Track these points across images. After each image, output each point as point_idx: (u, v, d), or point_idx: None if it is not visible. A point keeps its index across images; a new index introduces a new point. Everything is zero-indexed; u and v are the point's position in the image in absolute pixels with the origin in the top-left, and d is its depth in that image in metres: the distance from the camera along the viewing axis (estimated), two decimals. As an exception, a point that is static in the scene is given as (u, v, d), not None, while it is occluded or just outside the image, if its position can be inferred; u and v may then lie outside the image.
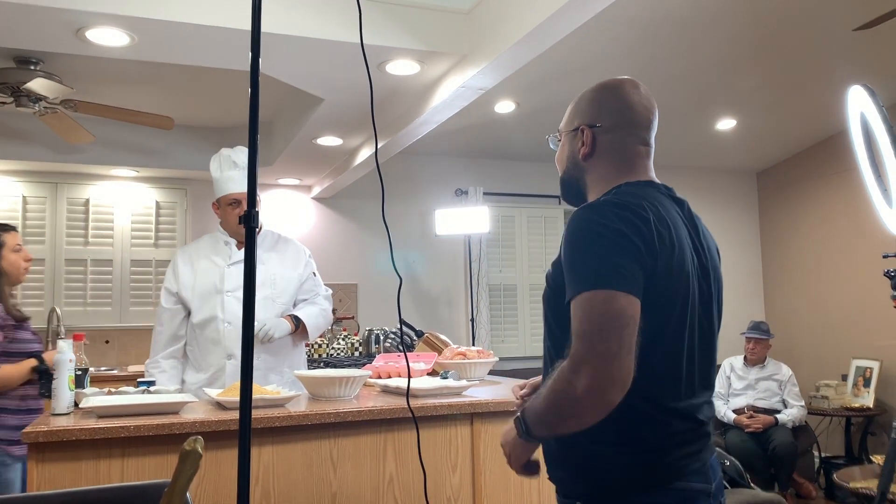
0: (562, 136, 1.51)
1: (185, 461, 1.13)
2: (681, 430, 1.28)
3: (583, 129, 1.44)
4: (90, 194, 5.27)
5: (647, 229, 1.24)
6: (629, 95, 1.43)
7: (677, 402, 1.28)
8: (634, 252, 1.21)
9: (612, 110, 1.42)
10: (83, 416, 2.02)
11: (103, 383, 4.15)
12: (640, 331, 1.20)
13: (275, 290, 2.93)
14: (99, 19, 2.76)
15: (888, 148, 2.53)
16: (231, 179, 2.93)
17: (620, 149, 1.42)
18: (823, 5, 3.92)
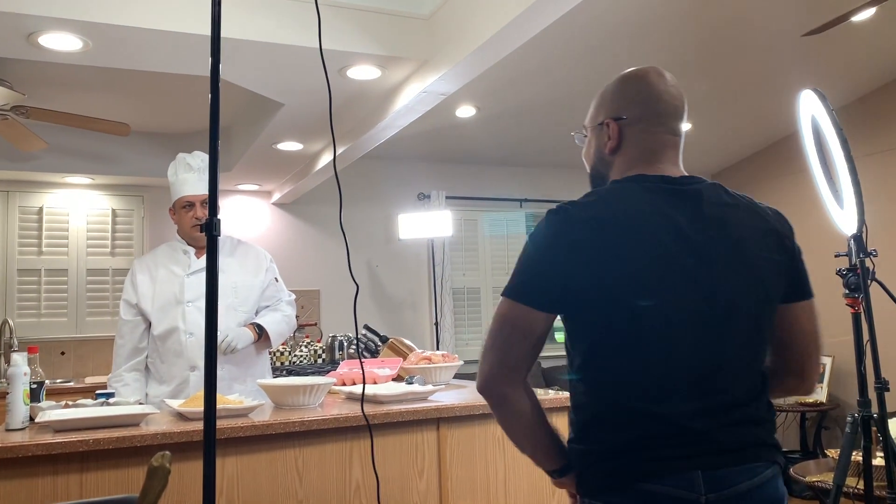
0: (588, 131, 1.46)
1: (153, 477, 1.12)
2: (650, 434, 1.23)
3: (608, 123, 1.39)
4: (44, 202, 5.15)
5: (565, 237, 1.26)
6: (654, 84, 1.38)
7: (646, 405, 1.23)
8: (541, 261, 1.28)
9: (637, 101, 1.37)
10: (39, 431, 1.97)
11: (60, 396, 4.06)
12: (584, 335, 1.28)
13: (237, 299, 2.89)
14: (51, 24, 2.70)
15: (838, 150, 2.60)
16: (185, 182, 2.88)
17: (646, 140, 1.37)
18: (773, 12, 4.02)
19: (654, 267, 1.23)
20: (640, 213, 1.26)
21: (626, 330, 1.23)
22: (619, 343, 1.25)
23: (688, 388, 1.24)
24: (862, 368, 2.48)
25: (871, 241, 2.58)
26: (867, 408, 2.49)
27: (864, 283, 2.49)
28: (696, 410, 1.23)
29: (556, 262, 1.25)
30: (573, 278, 1.24)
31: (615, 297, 1.23)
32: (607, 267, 1.23)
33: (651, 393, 1.23)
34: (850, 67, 5.03)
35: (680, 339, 1.23)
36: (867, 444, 2.48)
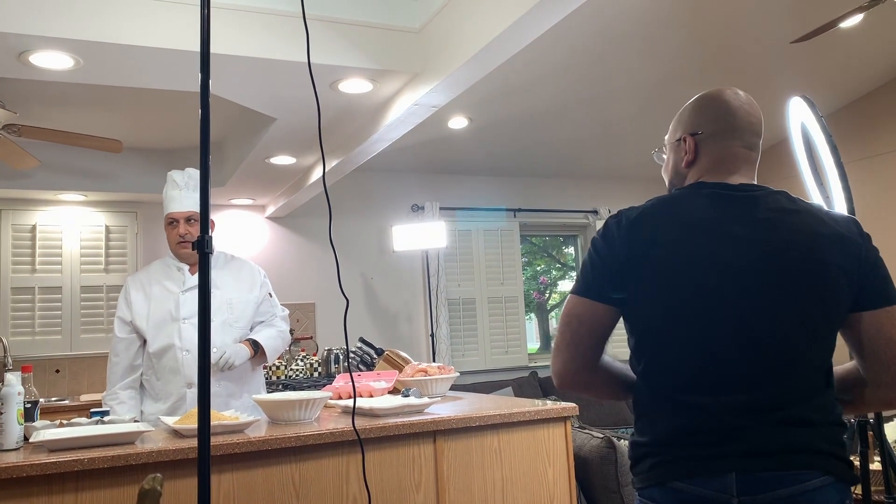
0: (666, 149, 1.55)
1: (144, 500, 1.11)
2: (689, 427, 1.27)
3: (685, 139, 1.47)
4: (36, 220, 5.14)
5: (619, 237, 1.37)
6: (729, 101, 1.45)
7: (686, 396, 1.28)
8: (603, 258, 1.38)
9: (712, 117, 1.45)
10: (33, 451, 1.96)
11: (54, 414, 4.03)
12: (631, 326, 1.39)
13: (232, 315, 2.88)
14: (42, 43, 2.70)
15: (828, 156, 2.62)
16: (171, 199, 2.87)
17: (718, 152, 1.44)
18: (762, 20, 4.05)
19: (694, 263, 1.31)
20: (690, 215, 1.35)
21: (666, 321, 1.32)
22: (661, 334, 1.33)
23: (727, 381, 1.27)
24: (857, 373, 2.48)
25: (862, 246, 2.58)
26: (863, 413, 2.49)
27: (856, 288, 2.49)
28: (735, 405, 1.26)
29: (615, 259, 1.37)
30: (628, 273, 1.35)
31: (658, 290, 1.32)
32: (654, 263, 1.33)
33: (691, 384, 1.29)
34: (838, 74, 5.07)
35: (719, 333, 1.28)
36: (864, 449, 2.48)
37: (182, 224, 2.85)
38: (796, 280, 1.29)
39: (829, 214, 1.38)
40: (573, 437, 2.94)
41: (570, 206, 6.59)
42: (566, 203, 6.58)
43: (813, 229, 1.33)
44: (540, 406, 2.51)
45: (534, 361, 6.43)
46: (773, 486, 1.22)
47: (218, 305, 2.86)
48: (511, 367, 6.21)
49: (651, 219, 1.36)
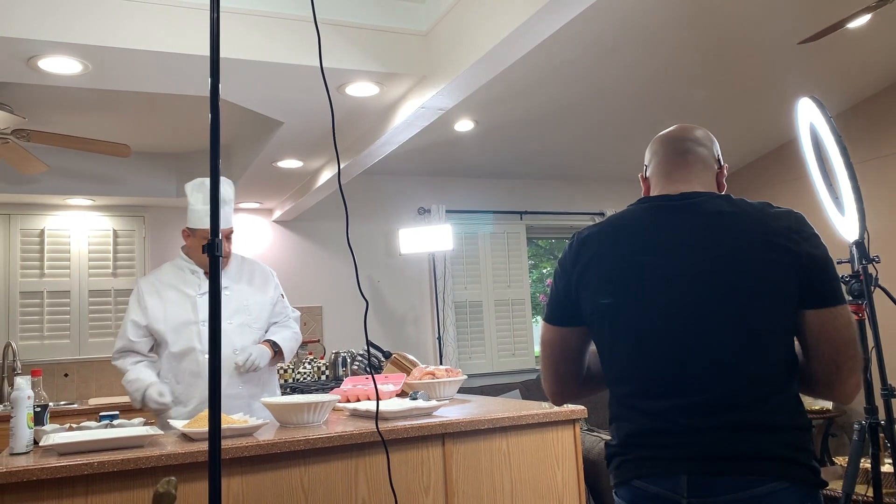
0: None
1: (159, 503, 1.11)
2: (641, 430, 1.35)
3: (641, 178, 1.65)
4: (45, 225, 5.16)
5: (570, 258, 1.49)
6: (663, 134, 1.62)
7: (634, 401, 1.37)
8: (558, 283, 1.50)
9: (652, 152, 1.61)
10: (43, 455, 1.97)
11: (64, 418, 4.05)
12: (595, 339, 1.47)
13: (250, 316, 2.91)
14: (51, 48, 2.71)
15: (838, 157, 2.61)
16: (205, 215, 2.86)
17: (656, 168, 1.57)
18: (769, 20, 4.04)
19: (624, 272, 1.39)
20: (627, 229, 1.43)
21: (616, 332, 1.39)
22: (614, 345, 1.40)
23: (679, 385, 1.31)
24: (868, 375, 2.47)
25: (872, 247, 2.58)
26: (874, 415, 2.48)
27: (867, 290, 2.48)
28: (688, 407, 1.29)
29: (567, 281, 1.48)
30: (577, 291, 1.45)
31: (604, 305, 1.40)
32: (596, 279, 1.42)
33: (645, 389, 1.35)
34: (846, 74, 5.05)
35: (665, 339, 1.33)
36: (875, 452, 2.47)
37: (223, 241, 2.87)
38: (735, 281, 1.31)
39: (770, 213, 1.38)
40: (582, 439, 2.93)
41: (576, 208, 6.57)
42: (573, 205, 6.57)
43: (754, 229, 1.35)
44: (548, 409, 2.51)
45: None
46: (723, 491, 1.25)
47: (236, 307, 2.89)
48: (518, 369, 6.20)
49: (596, 236, 1.46)
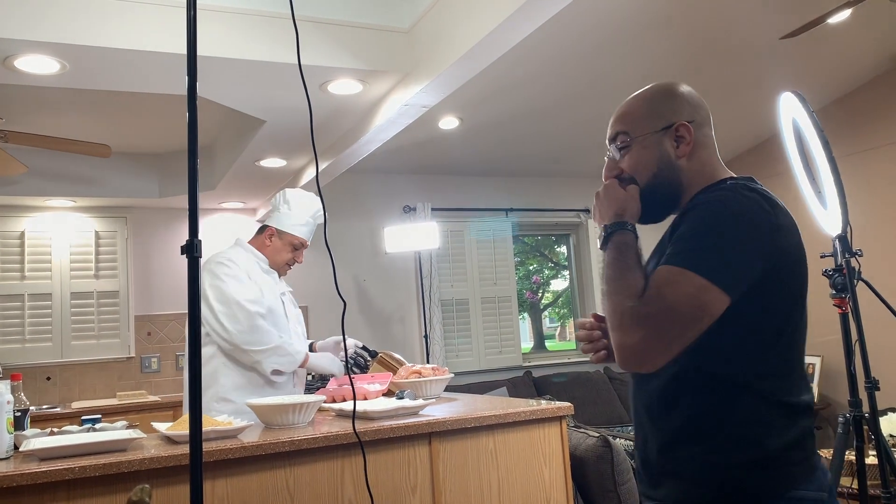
0: (632, 141, 1.37)
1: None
2: (795, 431, 1.21)
3: (681, 125, 1.34)
4: (25, 226, 5.09)
5: (782, 223, 1.26)
6: (697, 95, 1.41)
7: (797, 398, 1.23)
8: (750, 243, 1.21)
9: (696, 105, 1.38)
10: (24, 460, 1.94)
11: (45, 423, 3.99)
12: (759, 326, 1.22)
13: (300, 325, 3.06)
14: (27, 47, 2.67)
15: (820, 151, 2.62)
16: (308, 227, 3.01)
17: (711, 144, 1.39)
18: (751, 16, 4.06)
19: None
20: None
21: (796, 323, 1.26)
22: (789, 334, 1.26)
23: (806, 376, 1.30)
24: (851, 368, 2.49)
25: (855, 240, 2.59)
26: (858, 407, 2.49)
27: (850, 283, 2.50)
28: (811, 399, 1.29)
29: (763, 245, 1.20)
30: (769, 265, 1.21)
31: (795, 292, 1.25)
32: (799, 261, 1.26)
33: (797, 383, 1.28)
34: (828, 69, 5.08)
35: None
36: (860, 444, 2.48)
37: (303, 253, 3.05)
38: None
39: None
40: (569, 436, 2.93)
41: (561, 204, 6.58)
42: (558, 202, 6.58)
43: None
44: (535, 406, 2.50)
45: (528, 361, 6.42)
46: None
47: (297, 313, 3.06)
48: (505, 367, 6.20)
49: (787, 211, 1.28)
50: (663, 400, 1.26)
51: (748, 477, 1.18)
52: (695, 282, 1.15)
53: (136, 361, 5.29)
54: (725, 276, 1.16)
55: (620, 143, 1.38)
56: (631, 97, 1.42)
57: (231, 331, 2.70)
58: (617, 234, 1.29)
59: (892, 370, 4.89)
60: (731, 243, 1.18)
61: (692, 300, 1.14)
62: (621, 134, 1.38)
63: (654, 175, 1.36)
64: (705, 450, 1.21)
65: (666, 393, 1.26)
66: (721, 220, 1.20)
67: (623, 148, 1.38)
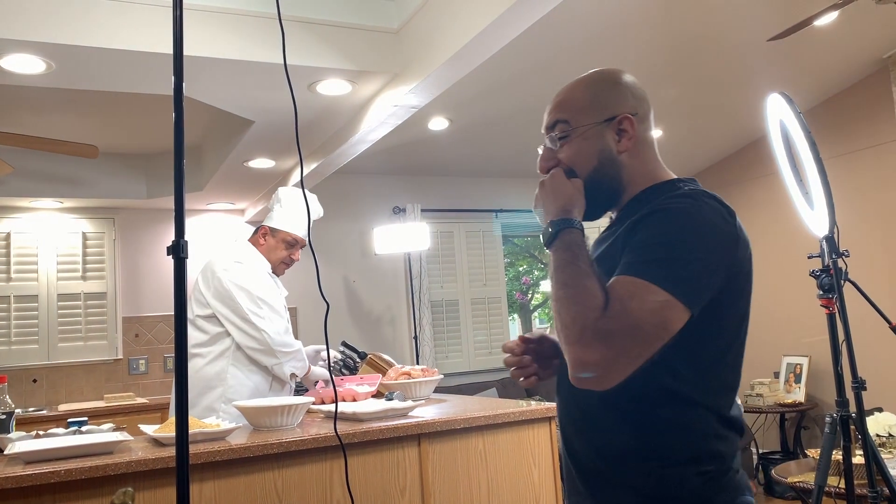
0: (572, 131, 1.29)
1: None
2: (737, 443, 1.22)
3: (624, 118, 1.27)
4: (10, 228, 5.05)
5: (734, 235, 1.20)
6: (639, 85, 1.34)
7: (733, 413, 1.22)
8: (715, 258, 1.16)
9: (640, 98, 1.31)
10: (8, 463, 1.92)
11: (31, 425, 3.96)
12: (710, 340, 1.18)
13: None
14: (13, 46, 2.65)
15: (807, 152, 2.63)
16: (302, 222, 2.96)
17: (652, 140, 1.32)
18: (739, 17, 4.08)
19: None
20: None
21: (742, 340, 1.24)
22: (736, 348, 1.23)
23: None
24: (839, 368, 2.50)
25: (842, 241, 2.61)
26: (845, 407, 2.50)
27: (837, 284, 2.51)
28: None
29: (724, 258, 1.15)
30: (726, 279, 1.16)
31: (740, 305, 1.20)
32: (746, 274, 1.20)
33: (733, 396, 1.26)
34: (815, 71, 5.11)
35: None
36: (847, 444, 2.49)
37: (298, 251, 3.03)
38: None
39: None
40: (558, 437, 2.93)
41: (551, 206, 6.58)
42: (547, 203, 6.57)
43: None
44: (524, 407, 2.50)
45: (518, 362, 6.42)
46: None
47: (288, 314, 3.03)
48: (495, 368, 6.20)
49: (740, 223, 1.22)
50: (612, 410, 1.19)
51: (705, 489, 1.16)
52: (659, 297, 1.08)
53: (123, 363, 5.26)
54: (689, 291, 1.10)
55: (560, 132, 1.30)
56: (571, 83, 1.34)
57: (268, 332, 2.77)
58: (565, 232, 1.19)
59: (878, 370, 4.92)
60: (695, 256, 1.12)
61: (656, 316, 1.07)
62: (561, 122, 1.30)
63: (594, 169, 1.28)
64: (662, 464, 1.16)
65: (615, 404, 1.18)
66: (685, 230, 1.14)
67: (562, 138, 1.30)
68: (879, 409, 3.87)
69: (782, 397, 5.61)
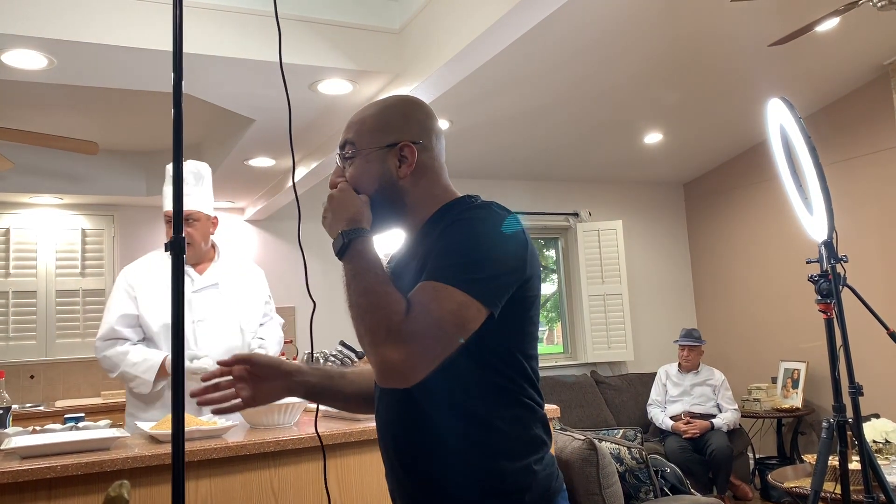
0: (357, 153, 1.35)
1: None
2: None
3: (405, 146, 1.33)
4: (10, 223, 5.05)
5: (524, 242, 1.27)
6: (432, 113, 1.41)
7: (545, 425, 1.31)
8: (513, 260, 1.24)
9: (427, 128, 1.38)
10: (5, 458, 1.92)
11: (28, 421, 3.96)
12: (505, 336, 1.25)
13: (243, 317, 2.79)
14: (14, 42, 2.65)
15: (807, 157, 2.63)
16: (166, 195, 2.76)
17: (438, 166, 1.40)
18: (739, 23, 4.08)
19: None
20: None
21: (532, 345, 1.30)
22: (531, 343, 1.30)
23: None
24: (836, 373, 2.50)
25: (840, 246, 2.61)
26: (842, 412, 2.50)
27: (835, 289, 2.51)
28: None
29: (519, 266, 1.24)
30: (522, 283, 1.24)
31: (531, 307, 1.28)
32: (535, 276, 1.28)
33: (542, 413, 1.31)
34: (815, 77, 5.12)
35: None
36: (843, 449, 2.49)
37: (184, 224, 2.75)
38: None
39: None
40: (555, 438, 2.93)
41: (550, 208, 6.59)
42: (546, 205, 6.58)
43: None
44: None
45: (515, 364, 6.42)
46: None
47: (232, 309, 2.77)
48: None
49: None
50: (449, 411, 1.24)
51: (546, 479, 1.25)
52: (456, 297, 1.15)
53: (121, 360, 5.25)
54: (485, 291, 1.17)
55: (347, 152, 1.37)
56: (367, 105, 1.41)
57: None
58: (357, 241, 1.27)
59: (876, 376, 4.92)
60: (490, 259, 1.19)
61: (455, 316, 1.14)
62: (349, 143, 1.37)
63: (375, 191, 1.34)
64: (508, 458, 1.22)
65: (454, 404, 1.23)
66: (480, 236, 1.22)
67: (349, 158, 1.37)
68: (876, 415, 3.88)
69: (779, 402, 5.61)
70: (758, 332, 6.25)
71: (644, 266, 6.85)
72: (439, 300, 1.15)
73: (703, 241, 6.95)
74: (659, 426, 5.39)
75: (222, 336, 2.73)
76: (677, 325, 6.42)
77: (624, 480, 3.14)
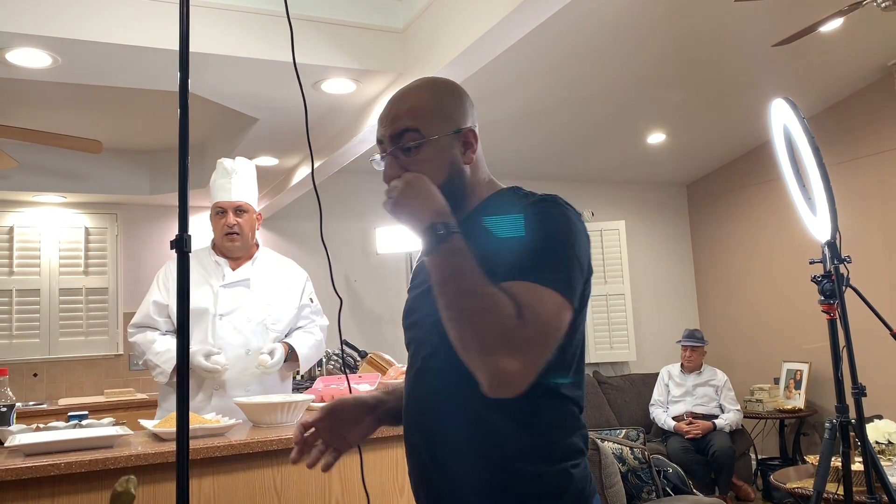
0: (425, 141, 1.27)
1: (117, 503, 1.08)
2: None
3: (469, 131, 1.31)
4: (14, 222, 5.06)
5: (586, 233, 1.25)
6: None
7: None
8: (584, 256, 1.21)
9: (474, 112, 1.36)
10: (9, 456, 1.92)
11: (32, 419, 3.97)
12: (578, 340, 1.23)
13: (270, 317, 2.76)
14: (19, 40, 2.66)
15: (810, 158, 2.63)
16: (220, 188, 2.80)
17: (481, 152, 1.38)
18: (743, 23, 4.08)
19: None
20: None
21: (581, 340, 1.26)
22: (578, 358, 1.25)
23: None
24: (839, 374, 2.50)
25: (844, 247, 2.60)
26: (845, 413, 2.50)
27: (839, 290, 2.51)
28: None
29: (587, 259, 1.21)
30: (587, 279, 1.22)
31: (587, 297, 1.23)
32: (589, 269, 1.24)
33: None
34: (818, 78, 5.11)
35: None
36: (846, 450, 2.49)
37: (230, 214, 2.77)
38: None
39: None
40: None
41: (553, 208, 6.58)
42: (550, 205, 6.57)
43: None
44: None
45: (518, 364, 6.42)
46: None
47: (257, 305, 2.76)
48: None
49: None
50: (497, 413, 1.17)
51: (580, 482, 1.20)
52: (555, 299, 1.10)
53: (124, 359, 5.26)
54: (572, 291, 1.14)
55: (410, 141, 1.27)
56: (414, 90, 1.33)
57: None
58: (457, 237, 1.13)
59: (878, 377, 4.92)
60: (574, 259, 1.16)
61: (558, 320, 1.10)
62: (411, 131, 1.28)
63: (444, 180, 1.27)
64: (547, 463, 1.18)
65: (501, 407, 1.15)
66: (559, 233, 1.18)
67: (412, 148, 1.28)
68: (879, 416, 3.87)
69: (782, 403, 5.60)
70: (760, 333, 6.25)
71: (647, 266, 6.85)
72: (543, 303, 1.09)
73: (705, 242, 6.94)
74: (661, 426, 5.39)
75: (243, 333, 2.72)
76: (680, 326, 6.41)
77: (626, 480, 3.14)
